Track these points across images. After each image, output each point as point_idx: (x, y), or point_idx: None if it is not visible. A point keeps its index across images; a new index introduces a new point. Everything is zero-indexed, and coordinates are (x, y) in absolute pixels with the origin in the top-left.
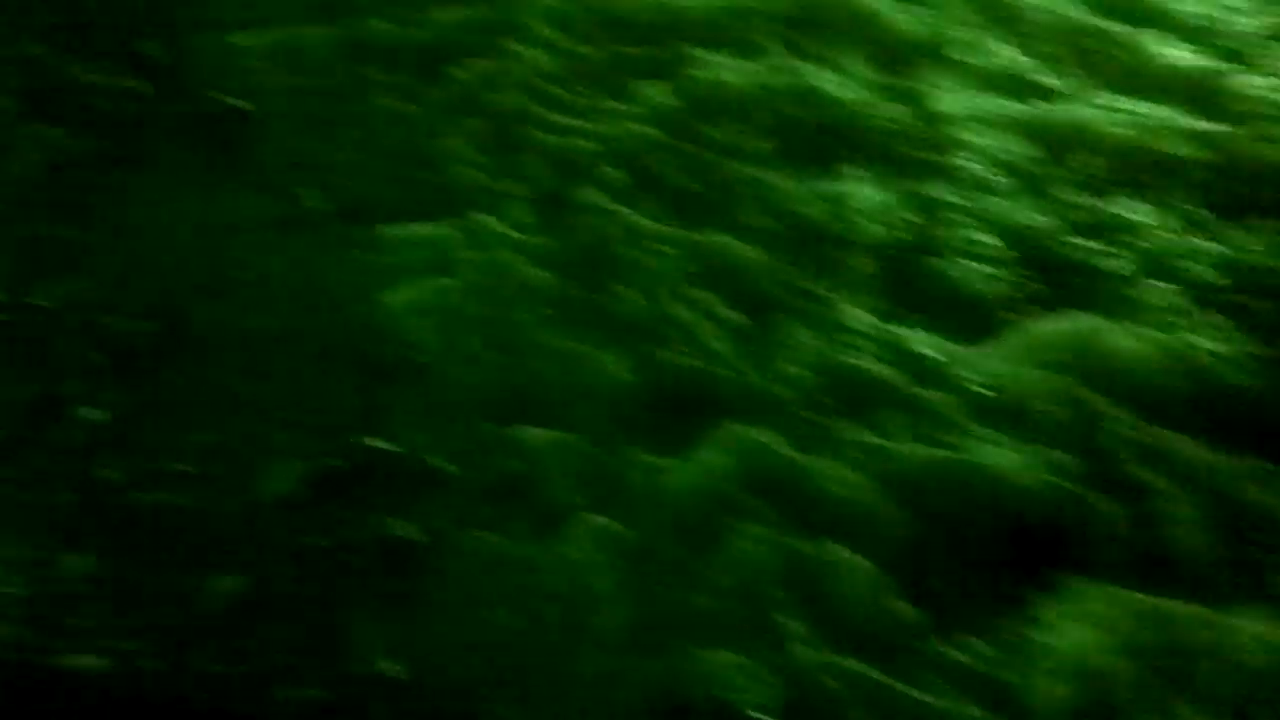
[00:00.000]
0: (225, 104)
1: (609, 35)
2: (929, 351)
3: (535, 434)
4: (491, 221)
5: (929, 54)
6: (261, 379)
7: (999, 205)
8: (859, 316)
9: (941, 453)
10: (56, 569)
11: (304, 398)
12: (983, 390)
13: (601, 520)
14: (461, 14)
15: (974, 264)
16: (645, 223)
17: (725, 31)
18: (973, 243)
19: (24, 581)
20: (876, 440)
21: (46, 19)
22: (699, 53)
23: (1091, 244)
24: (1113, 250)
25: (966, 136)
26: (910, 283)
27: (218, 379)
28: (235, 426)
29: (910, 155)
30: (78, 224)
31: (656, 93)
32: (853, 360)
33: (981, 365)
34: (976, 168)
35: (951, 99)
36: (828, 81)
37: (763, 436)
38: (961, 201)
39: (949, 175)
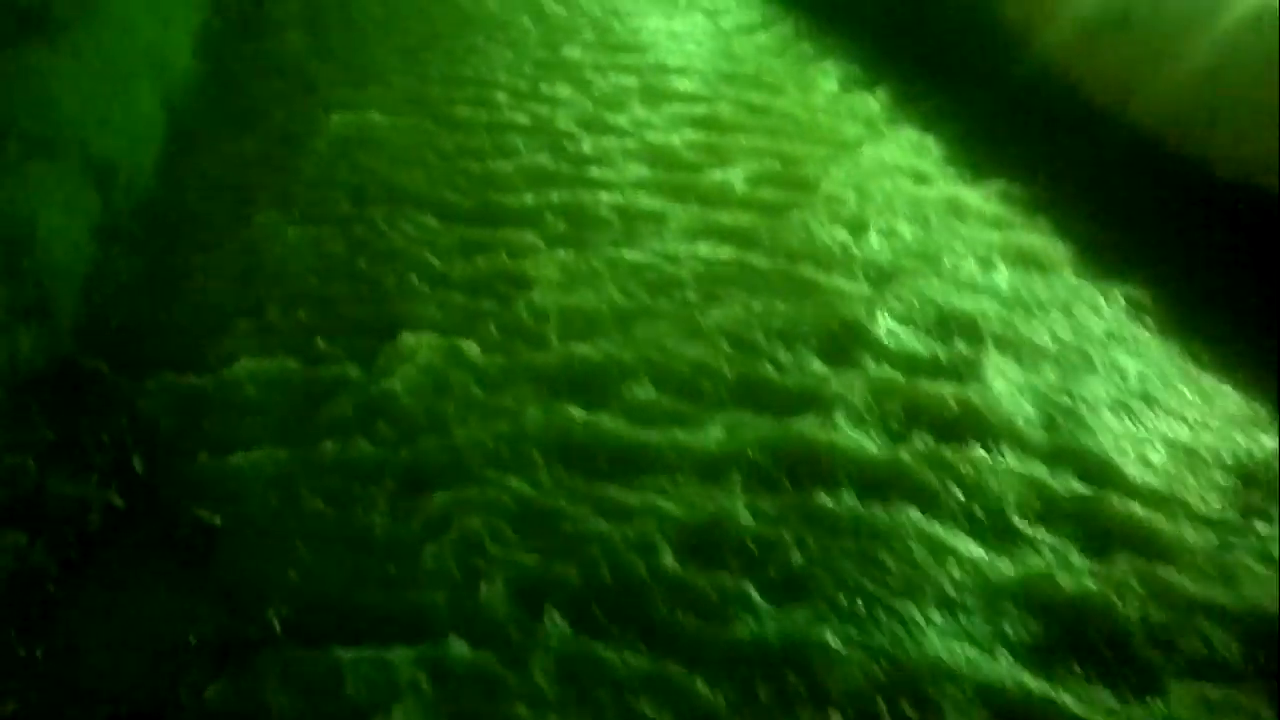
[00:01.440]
0: (198, 519)
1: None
2: None
3: None
4: (459, 648)
5: None
6: None
7: None
8: None
9: None
10: None
11: None
12: None
13: None
14: (444, 440)
15: None
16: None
17: None
18: None
19: None
20: None
21: (40, 434)
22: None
23: None
24: None
25: None
26: None
27: None
28: None
29: None
30: (28, 637)
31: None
32: None
33: None
34: None
35: None
36: None
37: None
38: None
39: None
